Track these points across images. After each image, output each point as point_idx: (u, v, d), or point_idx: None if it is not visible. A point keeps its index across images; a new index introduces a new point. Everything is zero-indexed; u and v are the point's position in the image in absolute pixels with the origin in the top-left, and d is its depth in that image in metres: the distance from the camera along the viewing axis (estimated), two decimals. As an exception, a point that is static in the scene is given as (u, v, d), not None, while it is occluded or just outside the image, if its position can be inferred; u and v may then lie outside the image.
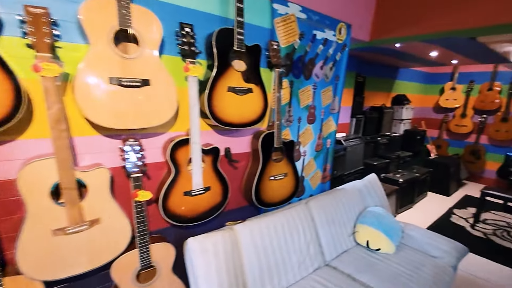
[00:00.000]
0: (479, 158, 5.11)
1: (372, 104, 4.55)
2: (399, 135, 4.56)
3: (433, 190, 4.56)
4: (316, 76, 2.09)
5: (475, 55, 3.40)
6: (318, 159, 2.37)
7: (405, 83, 5.21)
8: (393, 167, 4.15)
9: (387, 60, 4.01)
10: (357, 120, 3.98)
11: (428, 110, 5.86)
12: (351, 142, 3.52)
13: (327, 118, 2.34)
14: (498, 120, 4.83)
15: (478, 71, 5.07)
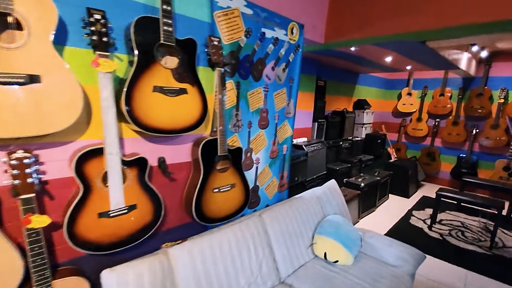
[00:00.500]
0: (434, 160, 5.34)
1: (334, 109, 4.56)
2: (360, 139, 4.60)
3: (394, 193, 4.65)
4: (267, 78, 1.94)
5: (427, 61, 3.51)
6: (274, 167, 2.22)
7: (365, 88, 5.33)
8: (356, 171, 4.15)
9: (347, 65, 4.03)
10: (319, 125, 3.93)
11: (388, 114, 6.05)
12: (312, 147, 3.44)
13: (282, 123, 2.20)
14: (449, 124, 5.09)
15: (431, 78, 5.34)
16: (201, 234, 1.59)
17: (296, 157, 3.06)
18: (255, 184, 2.07)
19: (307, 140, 3.60)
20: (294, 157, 3.01)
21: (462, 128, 4.97)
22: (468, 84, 4.94)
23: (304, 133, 3.75)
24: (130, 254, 1.43)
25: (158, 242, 1.53)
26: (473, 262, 2.73)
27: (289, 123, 2.27)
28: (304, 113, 3.70)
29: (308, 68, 3.58)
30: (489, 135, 4.67)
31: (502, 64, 4.60)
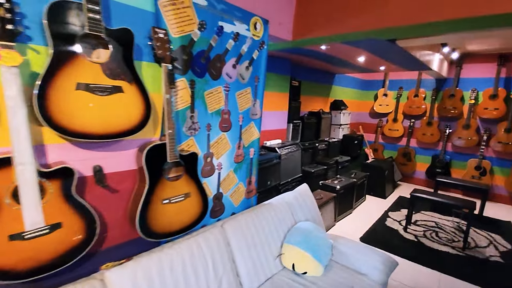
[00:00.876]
0: (410, 160, 5.39)
1: (311, 109, 4.48)
2: (337, 140, 4.55)
3: (371, 193, 4.63)
4: (228, 76, 1.79)
5: (399, 61, 3.49)
6: (239, 172, 2.06)
7: (342, 88, 5.30)
8: (332, 173, 4.08)
9: (321, 65, 3.96)
10: (294, 126, 3.83)
11: (365, 115, 6.07)
12: (287, 149, 3.32)
13: (248, 125, 2.05)
14: (424, 124, 5.15)
15: (406, 79, 5.39)
16: (150, 252, 1.41)
17: (268, 160, 2.93)
18: (218, 191, 1.91)
19: (281, 142, 3.48)
20: (266, 160, 2.88)
21: (436, 129, 5.04)
22: (441, 85, 5.03)
23: (278, 134, 3.63)
24: (62, 279, 1.23)
25: (97, 263, 1.33)
26: (447, 264, 2.70)
27: (256, 125, 2.13)
28: (278, 114, 3.58)
29: (281, 67, 3.47)
30: (461, 135, 4.76)
31: (472, 66, 4.70)
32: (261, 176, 2.84)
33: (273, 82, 3.38)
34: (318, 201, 3.09)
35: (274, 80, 3.40)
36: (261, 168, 2.82)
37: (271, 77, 3.35)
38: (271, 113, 3.44)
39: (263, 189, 2.89)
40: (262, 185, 2.88)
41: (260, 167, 2.78)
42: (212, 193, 1.87)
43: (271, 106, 3.43)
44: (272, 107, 3.45)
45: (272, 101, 3.43)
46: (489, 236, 3.33)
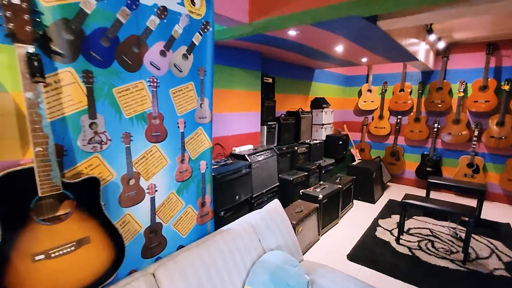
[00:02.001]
0: (399, 159, 5.04)
1: (289, 109, 4.05)
2: (320, 142, 4.13)
3: (359, 198, 4.23)
4: (154, 67, 1.31)
5: (383, 50, 3.10)
6: (186, 192, 1.59)
7: (323, 85, 4.90)
8: (314, 179, 3.65)
9: (297, 59, 3.53)
10: (269, 128, 3.38)
11: (349, 113, 5.70)
12: (260, 156, 2.86)
13: (194, 131, 1.58)
14: (411, 121, 4.82)
15: (390, 73, 5.05)
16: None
17: (236, 171, 2.46)
18: (153, 222, 1.43)
19: (253, 148, 3.02)
20: (232, 171, 2.41)
21: (424, 125, 4.70)
22: (427, 78, 4.70)
23: (250, 139, 3.17)
24: None
25: None
26: (447, 282, 2.30)
27: (206, 131, 1.65)
28: (249, 116, 3.12)
29: (250, 62, 3.02)
30: (451, 131, 4.43)
31: (460, 56, 4.39)
32: (227, 190, 2.37)
33: (240, 79, 2.92)
34: (297, 216, 2.65)
35: (242, 77, 2.94)
36: (227, 182, 2.35)
37: (238, 73, 2.89)
38: (240, 114, 2.98)
39: (230, 206, 2.42)
40: (229, 201, 2.41)
41: (225, 180, 2.31)
42: (143, 226, 1.39)
43: (240, 107, 2.97)
44: (241, 108, 2.99)
45: (240, 101, 2.97)
46: (490, 243, 2.97)
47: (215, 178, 2.24)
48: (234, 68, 2.83)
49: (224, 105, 2.76)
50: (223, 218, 2.37)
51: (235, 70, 2.84)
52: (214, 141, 2.69)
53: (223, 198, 2.34)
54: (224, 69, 2.72)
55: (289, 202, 3.09)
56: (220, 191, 2.30)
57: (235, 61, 2.83)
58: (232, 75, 2.82)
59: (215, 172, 2.26)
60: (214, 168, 2.37)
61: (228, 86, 2.79)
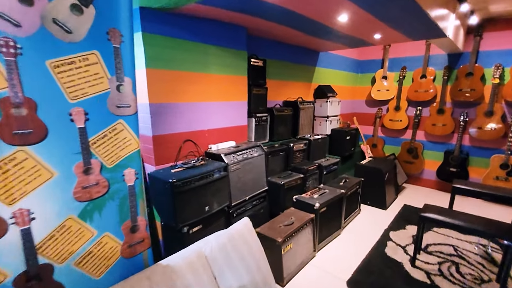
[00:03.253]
0: (417, 157, 4.37)
1: (286, 98, 3.46)
2: (322, 137, 3.53)
3: (368, 203, 3.65)
4: (6, 20, 0.79)
5: (402, 23, 2.45)
6: (100, 215, 1.09)
7: (329, 71, 4.25)
8: (313, 182, 3.09)
9: (292, 36, 2.92)
10: (259, 121, 2.83)
11: (360, 103, 5.03)
12: (241, 155, 2.33)
13: (108, 127, 1.07)
14: (434, 112, 4.11)
15: (410, 56, 4.33)
16: None
17: (204, 175, 1.95)
18: (32, 265, 0.94)
19: (234, 146, 2.49)
20: (198, 176, 1.90)
21: (449, 117, 3.99)
22: (455, 61, 3.96)
23: (233, 134, 2.63)
24: None
25: None
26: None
27: (131, 126, 1.14)
28: (232, 106, 2.58)
29: (232, 39, 2.45)
30: (482, 125, 3.72)
31: (496, 35, 3.62)
32: (193, 200, 1.88)
33: (218, 60, 2.37)
34: (286, 230, 2.13)
35: (221, 57, 2.39)
36: (191, 189, 1.85)
37: (216, 53, 2.34)
38: (219, 104, 2.44)
39: (197, 219, 1.92)
40: (195, 213, 1.91)
41: (188, 188, 1.82)
42: (12, 273, 0.91)
43: (219, 95, 2.43)
44: (220, 96, 2.45)
45: (219, 88, 2.42)
46: (534, 270, 2.33)
47: (175, 186, 1.74)
48: (209, 46, 2.28)
49: (195, 92, 2.23)
50: (187, 235, 1.88)
51: (211, 48, 2.29)
52: (184, 137, 2.18)
53: (186, 210, 1.84)
54: (195, 46, 2.17)
55: (280, 211, 2.57)
56: (182, 202, 1.80)
57: (211, 37, 2.28)
58: (207, 55, 2.27)
59: (175, 177, 1.75)
60: (176, 173, 1.87)
61: (202, 69, 2.25)
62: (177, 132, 2.15)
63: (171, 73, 2.04)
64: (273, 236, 2.08)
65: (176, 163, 2.05)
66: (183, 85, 2.14)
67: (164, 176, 1.80)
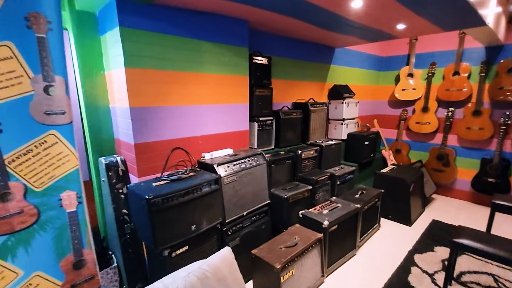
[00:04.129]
0: (448, 165, 3.85)
1: (296, 99, 3.14)
2: (337, 143, 3.17)
3: (390, 217, 3.23)
4: None
5: (431, 9, 2.05)
6: (26, 251, 0.87)
7: (346, 69, 3.87)
8: (324, 194, 2.75)
9: (301, 30, 2.59)
10: (262, 125, 2.54)
11: (382, 104, 4.57)
12: (238, 164, 2.06)
13: (35, 139, 0.84)
14: (468, 114, 3.59)
15: (440, 51, 3.84)
16: None
17: (190, 190, 1.70)
18: None
19: (231, 154, 2.22)
20: (183, 191, 1.65)
21: (486, 120, 3.46)
22: (495, 55, 3.42)
23: (233, 140, 2.37)
24: None
25: None
26: None
27: (66, 137, 0.90)
28: (231, 109, 2.32)
29: (230, 34, 2.19)
30: (529, 129, 3.17)
31: (548, 22, 3.07)
32: (177, 219, 1.63)
33: (214, 58, 2.12)
34: (287, 253, 1.83)
35: (217, 55, 2.13)
36: (175, 206, 1.61)
37: (211, 50, 2.09)
38: (215, 107, 2.19)
39: (182, 240, 1.67)
40: (179, 233, 1.66)
41: (170, 205, 1.58)
42: None
43: (215, 97, 2.18)
44: (217, 98, 2.19)
45: (215, 89, 2.17)
46: None
47: (152, 203, 1.50)
48: (204, 42, 2.03)
49: (187, 94, 1.99)
50: (169, 259, 1.63)
51: (205, 45, 2.04)
52: (173, 145, 1.95)
53: (168, 230, 1.60)
54: (186, 43, 1.93)
55: (284, 227, 2.26)
56: (162, 221, 1.56)
57: (206, 32, 2.03)
58: (200, 53, 2.02)
59: (152, 193, 1.52)
60: (157, 187, 1.63)
61: (194, 68, 2.01)
62: (165, 139, 1.92)
63: (157, 73, 1.82)
64: (271, 260, 1.79)
65: (162, 175, 1.81)
66: (172, 87, 1.90)
67: (142, 191, 1.57)
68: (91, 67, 1.89)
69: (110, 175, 1.86)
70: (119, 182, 1.88)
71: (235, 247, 2.01)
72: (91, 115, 1.94)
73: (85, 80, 1.88)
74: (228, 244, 1.97)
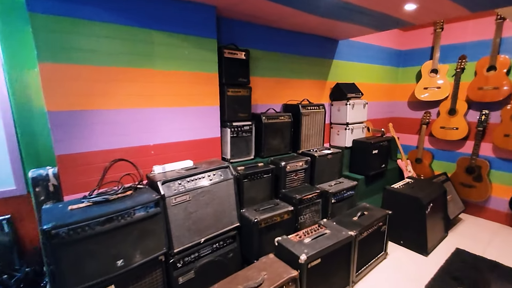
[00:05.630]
0: (480, 180, 3.18)
1: (288, 101, 2.70)
2: (334, 152, 2.67)
3: (401, 243, 2.67)
4: None
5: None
6: None
7: (354, 65, 3.33)
8: (313, 216, 2.28)
9: (286, 15, 2.15)
10: (237, 131, 2.14)
11: (402, 106, 3.95)
12: (193, 181, 1.69)
13: None
14: (508, 118, 2.91)
15: (471, 41, 3.18)
16: None
17: (117, 216, 1.35)
18: None
19: (190, 166, 1.84)
20: (101, 219, 1.31)
21: (532, 126, 2.77)
22: (545, 45, 2.72)
23: (199, 149, 2.00)
24: None
25: None
26: None
27: None
28: (194, 112, 1.94)
29: (189, 21, 1.82)
30: None
31: None
32: (92, 253, 1.29)
33: (169, 51, 1.76)
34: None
35: (173, 47, 1.77)
36: (87, 238, 1.26)
37: (163, 40, 1.73)
38: (172, 111, 1.83)
39: (99, 280, 1.32)
40: (96, 273, 1.32)
41: (80, 237, 1.23)
42: None
43: (172, 98, 1.82)
44: (175, 100, 1.83)
45: (173, 88, 1.81)
46: None
47: (52, 235, 1.17)
48: (155, 32, 1.68)
49: (132, 94, 1.65)
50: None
51: (157, 36, 1.69)
52: (114, 155, 1.62)
53: (80, 267, 1.26)
54: (130, 33, 1.59)
55: (255, 258, 1.85)
56: (70, 257, 1.23)
57: (157, 20, 1.67)
58: (150, 45, 1.67)
59: (55, 222, 1.19)
60: (72, 211, 1.30)
61: (143, 64, 1.66)
62: (104, 149, 1.59)
63: (89, 69, 1.49)
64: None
65: (91, 194, 1.49)
66: (110, 86, 1.57)
67: (49, 216, 1.25)
68: (20, 63, 1.62)
69: (38, 191, 1.57)
70: (49, 199, 1.59)
71: (188, 282, 1.64)
72: (23, 119, 1.67)
73: (13, 78, 1.60)
74: (176, 280, 1.60)
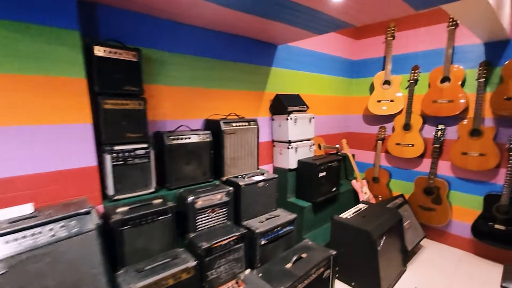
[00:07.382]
0: (439, 202, 2.84)
1: (210, 115, 2.20)
2: (267, 178, 2.18)
3: (352, 284, 2.21)
4: None
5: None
6: None
7: (300, 74, 2.92)
8: (233, 267, 1.75)
9: (189, 6, 1.67)
10: (123, 158, 1.58)
11: (357, 120, 3.61)
12: (17, 241, 1.08)
13: None
14: (464, 134, 2.61)
15: (423, 50, 2.91)
16: None
17: None
18: None
19: (27, 215, 1.25)
20: None
21: (489, 142, 2.48)
22: (498, 54, 2.48)
23: (65, 185, 1.41)
24: None
25: None
26: None
27: None
28: (44, 133, 1.37)
29: (30, 3, 1.27)
30: (552, 157, 2.17)
31: None
32: None
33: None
34: None
35: (8, 41, 1.21)
36: None
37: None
38: (10, 131, 1.25)
39: None
40: None
41: None
42: None
43: (11, 113, 1.24)
44: (16, 116, 1.25)
45: (10, 98, 1.23)
46: None
47: None
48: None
49: None
50: None
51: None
52: None
53: None
54: None
55: None
56: None
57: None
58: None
59: None
60: None
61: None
62: None
63: None
64: None
65: None
66: None
67: None
68: None
69: None
70: None
71: None
72: None
73: None
74: None
